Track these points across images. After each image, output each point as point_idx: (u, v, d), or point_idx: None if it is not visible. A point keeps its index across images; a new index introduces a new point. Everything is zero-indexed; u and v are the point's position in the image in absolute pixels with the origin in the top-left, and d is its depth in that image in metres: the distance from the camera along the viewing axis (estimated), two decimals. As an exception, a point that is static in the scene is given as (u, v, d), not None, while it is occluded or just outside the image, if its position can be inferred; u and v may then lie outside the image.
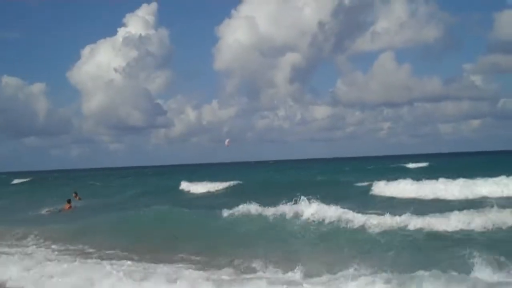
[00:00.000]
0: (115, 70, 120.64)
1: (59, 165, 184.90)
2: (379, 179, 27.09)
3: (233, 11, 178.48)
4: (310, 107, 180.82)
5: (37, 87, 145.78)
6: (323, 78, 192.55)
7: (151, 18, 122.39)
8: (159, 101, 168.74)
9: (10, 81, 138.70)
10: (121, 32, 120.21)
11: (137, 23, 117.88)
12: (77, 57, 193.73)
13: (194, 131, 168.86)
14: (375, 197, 24.26)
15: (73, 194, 26.47)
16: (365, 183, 28.99)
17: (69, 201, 25.35)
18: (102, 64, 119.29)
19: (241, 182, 38.43)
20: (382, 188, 25.38)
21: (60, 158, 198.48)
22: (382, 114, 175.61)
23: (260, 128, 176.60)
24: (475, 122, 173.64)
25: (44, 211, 24.83)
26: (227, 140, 30.36)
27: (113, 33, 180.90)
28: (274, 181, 40.51)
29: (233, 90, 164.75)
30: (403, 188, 24.22)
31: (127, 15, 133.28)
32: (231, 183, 37.47)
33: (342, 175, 45.85)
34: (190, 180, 40.62)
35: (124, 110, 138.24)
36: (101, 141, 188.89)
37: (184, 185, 38.67)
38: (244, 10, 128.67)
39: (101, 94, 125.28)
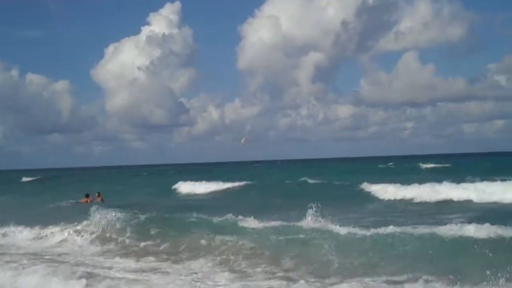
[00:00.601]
0: (139, 68, 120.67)
1: (82, 163, 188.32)
2: (378, 181, 27.93)
3: (256, 11, 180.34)
4: (333, 106, 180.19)
5: (61, 85, 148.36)
6: (346, 78, 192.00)
7: (174, 17, 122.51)
8: (182, 99, 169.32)
9: (34, 78, 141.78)
10: (145, 30, 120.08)
11: (160, 22, 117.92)
12: (101, 55, 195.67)
13: (217, 130, 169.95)
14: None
15: (96, 194, 26.32)
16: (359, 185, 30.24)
17: (87, 196, 25.98)
18: (126, 63, 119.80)
19: (251, 182, 38.43)
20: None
21: (83, 156, 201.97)
22: (405, 114, 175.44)
23: (283, 127, 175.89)
24: (499, 122, 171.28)
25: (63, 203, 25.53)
26: (243, 139, 30.53)
27: (137, 31, 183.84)
28: (283, 183, 40.36)
29: (256, 89, 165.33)
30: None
31: (151, 14, 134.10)
32: (239, 183, 37.43)
33: (344, 176, 45.17)
34: (199, 179, 41.08)
35: (147, 109, 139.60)
36: (124, 139, 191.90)
37: (182, 186, 38.89)
38: (267, 9, 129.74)
39: (125, 93, 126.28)
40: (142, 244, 14.37)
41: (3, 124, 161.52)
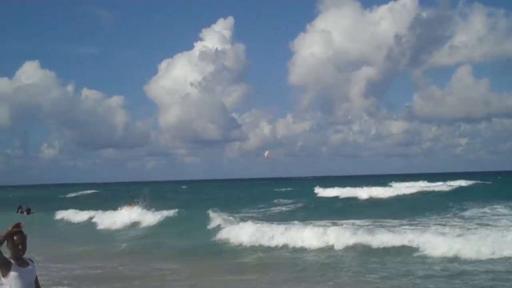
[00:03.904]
0: (191, 84, 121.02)
1: (136, 177, 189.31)
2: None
3: (308, 26, 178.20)
4: (386, 121, 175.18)
5: (116, 100, 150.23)
6: (399, 93, 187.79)
7: (227, 33, 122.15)
8: (234, 115, 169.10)
9: (90, 94, 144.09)
10: (198, 46, 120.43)
11: (213, 38, 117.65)
12: (155, 71, 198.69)
13: (269, 145, 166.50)
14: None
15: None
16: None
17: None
18: (179, 78, 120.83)
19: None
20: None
21: (136, 170, 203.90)
22: (459, 130, 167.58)
23: (335, 142, 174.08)
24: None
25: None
26: (266, 152, 27.31)
27: (190, 47, 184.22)
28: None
29: (308, 104, 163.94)
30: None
31: (204, 30, 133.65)
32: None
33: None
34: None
35: (199, 124, 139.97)
36: (176, 154, 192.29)
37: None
38: (319, 24, 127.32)
39: (177, 108, 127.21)
40: None
41: (59, 139, 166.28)
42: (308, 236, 17.73)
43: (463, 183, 54.40)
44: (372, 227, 19.95)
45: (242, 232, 19.41)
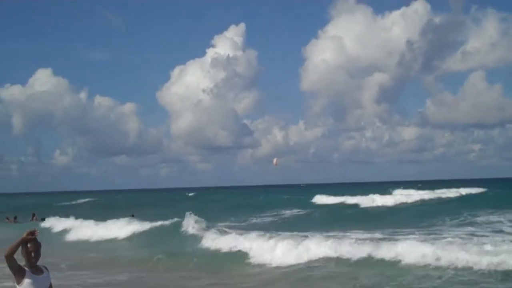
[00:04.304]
0: (203, 91, 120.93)
1: (149, 184, 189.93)
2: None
3: (320, 32, 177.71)
4: (398, 128, 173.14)
5: (128, 107, 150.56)
6: (411, 99, 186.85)
7: (239, 39, 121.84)
8: (246, 121, 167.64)
9: (102, 101, 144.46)
10: (210, 53, 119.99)
11: (225, 44, 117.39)
12: (167, 78, 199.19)
13: (281, 152, 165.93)
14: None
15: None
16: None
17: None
18: (191, 85, 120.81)
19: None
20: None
21: (149, 177, 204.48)
22: (473, 136, 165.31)
23: (347, 149, 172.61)
24: None
25: None
26: (275, 159, 26.94)
27: (202, 54, 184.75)
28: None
29: (320, 111, 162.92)
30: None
31: (216, 37, 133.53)
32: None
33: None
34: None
35: (211, 131, 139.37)
36: (189, 161, 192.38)
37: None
38: (331, 30, 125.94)
39: (190, 115, 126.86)
40: None
41: (72, 146, 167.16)
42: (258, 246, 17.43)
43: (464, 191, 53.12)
44: (348, 239, 19.18)
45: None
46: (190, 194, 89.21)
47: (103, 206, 59.10)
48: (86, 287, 13.80)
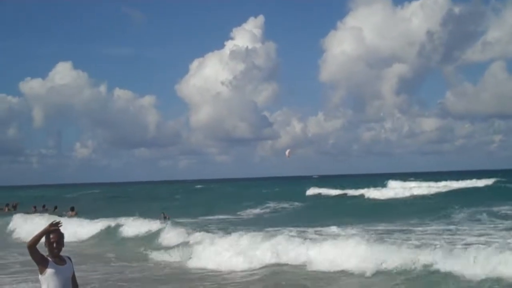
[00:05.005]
0: (222, 83, 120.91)
1: (168, 176, 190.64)
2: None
3: (338, 23, 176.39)
4: (418, 119, 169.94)
5: (147, 100, 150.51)
6: (431, 89, 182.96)
7: (258, 31, 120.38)
8: (265, 113, 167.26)
9: (122, 94, 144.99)
10: (229, 45, 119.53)
11: (244, 37, 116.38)
12: (186, 70, 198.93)
13: (300, 143, 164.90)
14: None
15: (161, 214, 26.96)
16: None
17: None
18: (210, 77, 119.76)
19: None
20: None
21: (169, 169, 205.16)
22: (493, 127, 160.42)
23: (366, 140, 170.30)
24: None
25: None
26: (287, 151, 26.77)
27: (221, 46, 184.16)
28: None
29: (339, 102, 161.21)
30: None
31: (234, 29, 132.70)
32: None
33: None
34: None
35: (230, 123, 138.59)
36: (208, 153, 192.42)
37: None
38: (350, 21, 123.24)
39: (208, 107, 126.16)
40: None
41: (92, 138, 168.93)
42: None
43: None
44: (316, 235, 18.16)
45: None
46: (197, 187, 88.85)
47: (101, 199, 58.95)
48: None
